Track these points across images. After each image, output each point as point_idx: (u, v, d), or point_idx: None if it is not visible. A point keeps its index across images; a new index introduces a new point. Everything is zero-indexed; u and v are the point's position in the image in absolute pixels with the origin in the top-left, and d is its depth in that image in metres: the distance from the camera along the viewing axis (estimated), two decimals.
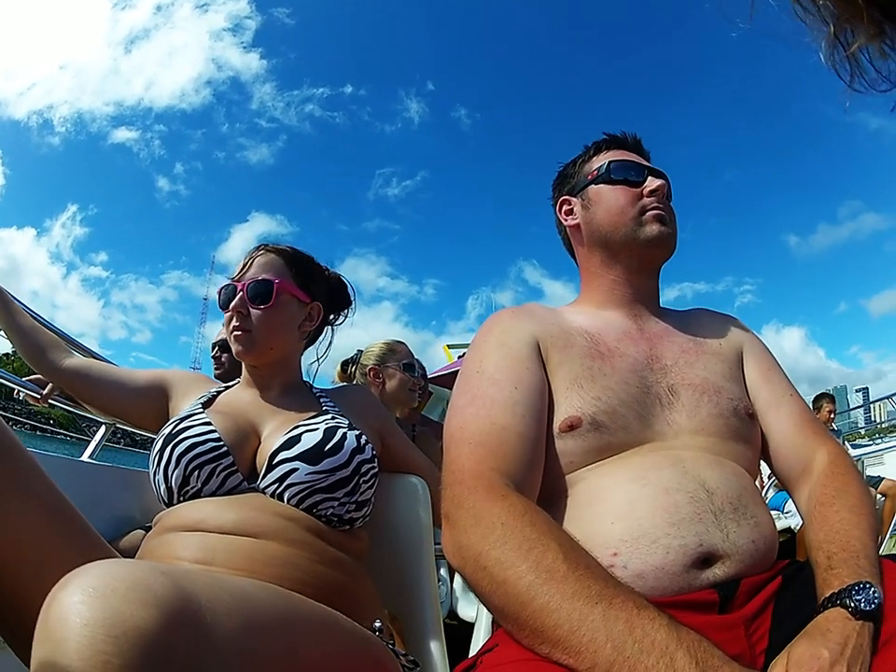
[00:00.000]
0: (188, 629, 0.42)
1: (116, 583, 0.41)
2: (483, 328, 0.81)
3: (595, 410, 0.69)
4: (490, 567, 0.52)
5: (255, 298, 0.96)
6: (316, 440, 0.86)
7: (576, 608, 0.46)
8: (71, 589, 0.41)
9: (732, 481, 0.67)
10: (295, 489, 0.83)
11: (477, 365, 0.74)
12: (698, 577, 0.59)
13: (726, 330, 0.87)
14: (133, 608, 0.40)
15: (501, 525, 0.54)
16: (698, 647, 0.43)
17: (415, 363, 1.97)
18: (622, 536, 0.61)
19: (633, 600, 0.47)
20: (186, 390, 1.05)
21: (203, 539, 0.76)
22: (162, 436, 0.87)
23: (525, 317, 0.79)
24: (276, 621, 0.53)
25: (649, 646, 0.43)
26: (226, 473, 0.84)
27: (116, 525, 1.26)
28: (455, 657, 0.94)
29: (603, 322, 0.81)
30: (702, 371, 0.77)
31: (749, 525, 0.63)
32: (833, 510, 0.65)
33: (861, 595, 0.52)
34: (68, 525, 0.61)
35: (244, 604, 0.50)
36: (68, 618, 0.39)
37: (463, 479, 0.62)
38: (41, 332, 1.10)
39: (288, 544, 0.78)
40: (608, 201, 0.84)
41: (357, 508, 0.88)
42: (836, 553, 0.59)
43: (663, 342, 0.81)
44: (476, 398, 0.70)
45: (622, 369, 0.74)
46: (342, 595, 0.78)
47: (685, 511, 0.61)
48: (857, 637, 0.49)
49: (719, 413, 0.73)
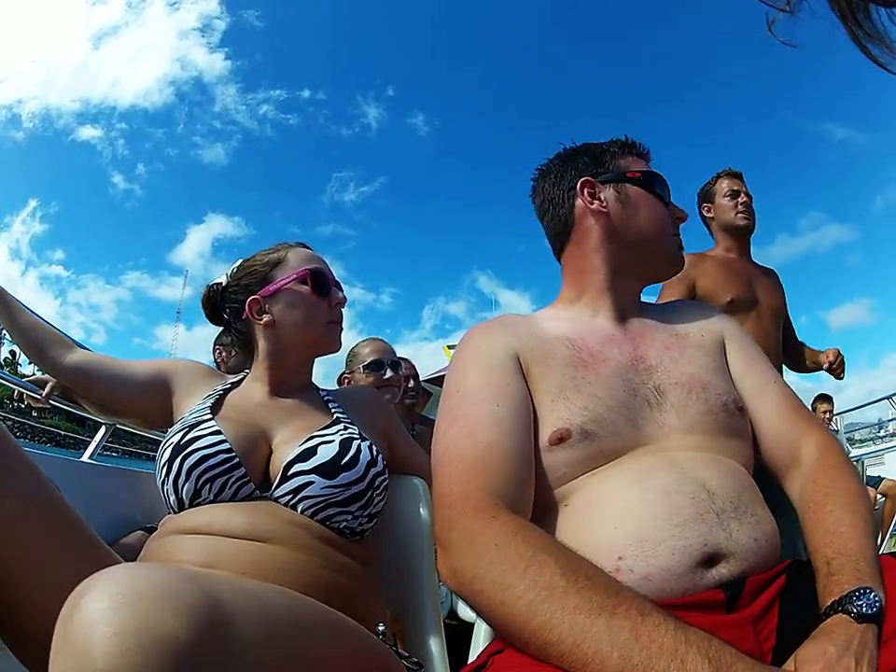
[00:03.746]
0: (218, 637, 0.41)
1: (143, 590, 0.40)
2: (459, 345, 0.79)
3: (583, 420, 0.68)
4: (486, 589, 0.52)
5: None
6: (333, 453, 0.85)
7: (578, 621, 0.46)
8: (95, 595, 0.40)
9: (730, 479, 0.67)
10: (310, 502, 0.82)
11: (457, 385, 0.73)
12: (704, 576, 0.59)
13: (706, 320, 0.86)
14: (164, 616, 0.39)
15: (495, 547, 0.54)
16: (709, 646, 0.43)
17: (384, 360, 1.89)
18: (626, 540, 0.61)
19: (637, 607, 0.46)
20: (189, 385, 1.02)
21: (207, 543, 0.76)
22: (171, 445, 0.85)
23: (500, 331, 0.78)
24: (295, 626, 0.52)
25: (657, 651, 0.43)
26: (238, 484, 0.83)
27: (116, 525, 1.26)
28: (455, 657, 0.95)
29: (585, 326, 0.80)
30: (687, 366, 0.77)
31: (750, 523, 0.64)
32: (827, 510, 0.65)
33: (863, 600, 0.52)
34: (66, 526, 0.60)
35: (266, 609, 0.50)
36: (95, 626, 0.38)
37: (452, 502, 0.61)
38: (42, 330, 1.09)
39: (296, 550, 0.77)
40: (651, 209, 0.84)
41: (368, 520, 0.88)
42: (835, 557, 0.59)
43: (646, 340, 0.80)
44: (459, 418, 0.69)
45: (606, 374, 0.73)
46: (347, 599, 0.77)
47: (687, 512, 0.61)
48: (861, 636, 0.50)
49: (708, 409, 0.73)
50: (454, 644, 1.00)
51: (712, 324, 0.86)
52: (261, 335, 1.00)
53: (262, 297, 0.98)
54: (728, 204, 1.92)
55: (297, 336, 0.99)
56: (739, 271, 1.88)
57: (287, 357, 1.00)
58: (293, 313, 0.98)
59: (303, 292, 0.99)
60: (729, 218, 1.92)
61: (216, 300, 1.05)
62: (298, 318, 0.98)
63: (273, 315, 0.98)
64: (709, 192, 1.99)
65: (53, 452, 1.89)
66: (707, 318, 0.87)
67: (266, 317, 0.98)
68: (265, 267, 1.00)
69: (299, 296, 0.98)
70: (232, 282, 1.02)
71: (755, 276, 1.91)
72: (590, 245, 0.84)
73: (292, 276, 0.98)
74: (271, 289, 0.98)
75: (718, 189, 1.97)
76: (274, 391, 0.99)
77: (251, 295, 0.99)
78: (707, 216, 2.00)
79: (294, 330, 0.99)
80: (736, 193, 1.92)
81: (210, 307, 1.06)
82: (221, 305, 1.05)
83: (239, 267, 1.03)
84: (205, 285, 1.07)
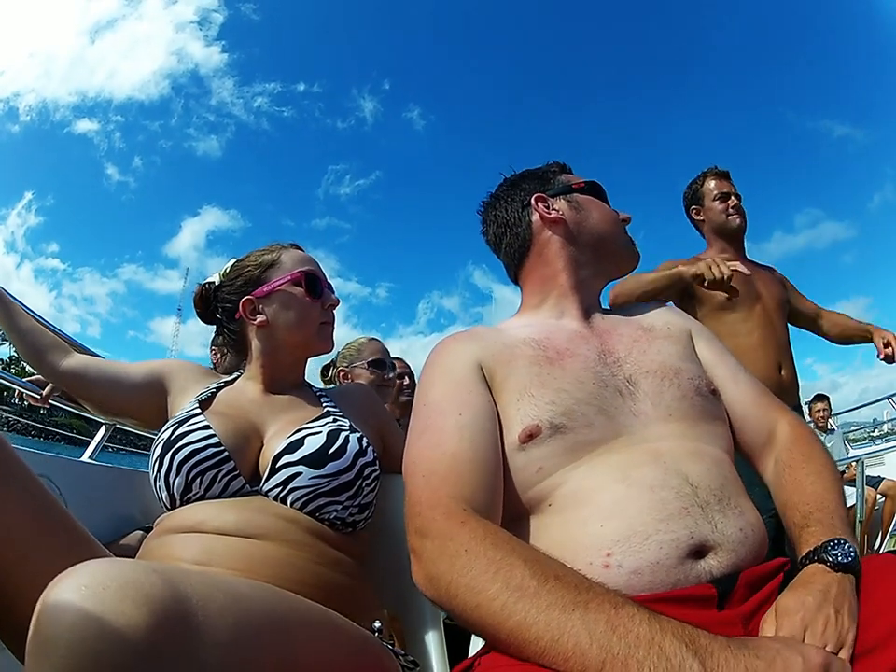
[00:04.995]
0: (179, 627, 0.42)
1: (107, 581, 0.41)
2: (428, 359, 0.81)
3: (551, 414, 0.69)
4: (461, 594, 0.53)
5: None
6: (320, 443, 0.86)
7: (553, 617, 0.47)
8: (63, 587, 0.41)
9: (713, 471, 0.67)
10: (298, 493, 0.83)
11: (424, 398, 0.75)
12: (694, 568, 0.60)
13: (672, 317, 0.90)
14: (125, 606, 0.40)
15: (465, 552, 0.55)
16: (682, 631, 0.45)
17: (387, 360, 1.93)
18: (613, 536, 0.61)
19: (609, 601, 0.48)
20: (184, 384, 1.03)
21: (201, 540, 0.76)
22: (161, 441, 0.86)
23: (467, 342, 0.80)
24: (271, 620, 0.53)
25: (635, 640, 0.44)
26: (228, 478, 0.83)
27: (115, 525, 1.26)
28: (455, 657, 0.95)
29: (551, 327, 0.82)
30: (657, 355, 0.78)
31: (734, 514, 0.64)
32: (804, 472, 0.69)
33: (837, 549, 0.56)
34: (55, 523, 0.61)
35: (237, 603, 0.50)
36: (60, 615, 0.40)
37: (421, 511, 0.62)
38: (41, 333, 1.10)
39: (288, 545, 0.78)
40: (601, 211, 0.91)
41: (359, 511, 0.88)
42: (812, 512, 0.63)
43: (612, 335, 0.82)
44: (426, 429, 0.70)
45: (574, 369, 0.74)
46: (341, 595, 0.77)
47: (673, 506, 0.62)
48: (838, 585, 0.53)
49: (682, 395, 0.74)
50: (453, 644, 1.00)
51: (678, 319, 0.90)
52: (255, 335, 1.01)
53: (256, 297, 0.99)
54: (719, 207, 1.91)
55: (290, 337, 1.00)
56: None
57: (280, 356, 1.01)
58: (287, 314, 0.99)
59: (297, 294, 1.00)
60: (721, 221, 1.91)
61: (208, 299, 1.06)
62: (291, 319, 0.99)
63: (267, 315, 0.99)
64: (697, 194, 1.97)
65: (65, 450, 1.90)
66: (673, 315, 0.91)
67: (260, 318, 0.99)
68: (259, 268, 1.01)
69: (292, 297, 0.99)
70: (226, 282, 1.03)
71: (753, 272, 1.91)
72: (551, 252, 0.88)
73: (286, 278, 0.99)
74: (265, 290, 0.99)
75: (706, 191, 1.95)
76: (268, 388, 1.00)
77: (244, 295, 1.00)
78: (696, 218, 1.98)
79: (287, 331, 1.00)
80: (726, 196, 1.91)
81: (202, 306, 1.07)
82: (214, 305, 1.05)
83: (232, 267, 1.04)
84: (198, 284, 1.08)
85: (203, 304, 1.07)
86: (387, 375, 1.91)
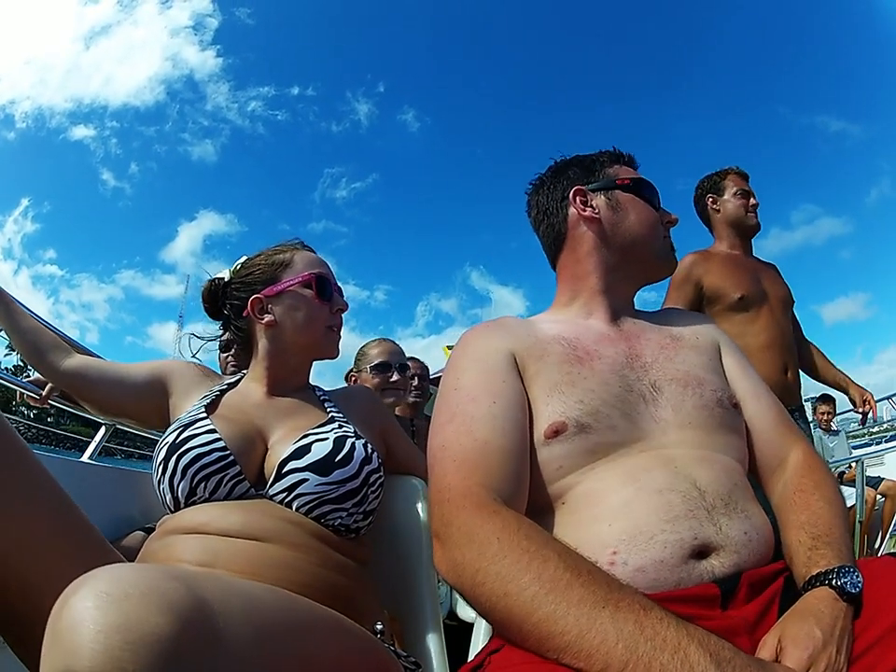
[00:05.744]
0: (202, 635, 0.42)
1: (129, 588, 0.40)
2: (458, 345, 0.81)
3: (578, 413, 0.69)
4: (489, 582, 0.53)
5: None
6: (326, 450, 0.85)
7: (583, 612, 0.47)
8: (83, 594, 0.40)
9: (722, 478, 0.68)
10: (304, 499, 0.82)
11: (454, 382, 0.74)
12: (696, 568, 0.60)
13: (701, 326, 0.89)
14: (149, 614, 0.39)
15: (497, 541, 0.55)
16: (708, 640, 0.45)
17: (392, 362, 1.93)
18: (619, 535, 0.62)
19: (639, 602, 0.48)
20: (187, 387, 1.02)
21: (205, 542, 0.76)
22: (166, 444, 0.86)
23: (498, 331, 0.79)
24: (286, 625, 0.53)
25: (661, 643, 0.44)
26: (233, 482, 0.83)
27: (116, 525, 1.26)
28: (455, 657, 0.95)
29: (580, 327, 0.82)
30: (682, 364, 0.78)
31: (740, 518, 0.65)
32: (815, 497, 0.69)
33: (848, 577, 0.56)
34: (72, 527, 0.60)
35: (255, 608, 0.50)
36: (82, 624, 0.39)
37: (451, 497, 0.62)
38: (42, 333, 1.10)
39: (292, 548, 0.77)
40: (641, 213, 0.87)
41: (364, 517, 0.88)
42: (821, 535, 0.63)
43: (640, 340, 0.82)
44: (456, 415, 0.70)
45: (601, 370, 0.74)
46: (344, 598, 0.77)
47: (678, 508, 0.63)
48: (843, 620, 0.53)
49: (703, 404, 0.74)
50: (453, 644, 1.00)
51: (706, 329, 0.89)
52: (262, 334, 1.00)
53: (265, 296, 0.99)
54: (739, 203, 1.92)
55: (296, 338, 1.00)
56: (745, 267, 1.88)
57: (285, 357, 1.01)
58: (295, 315, 0.99)
59: (307, 296, 0.99)
60: (740, 215, 1.92)
61: (217, 294, 1.05)
62: (299, 321, 0.99)
63: (275, 315, 0.99)
64: (718, 185, 1.97)
65: (74, 455, 1.88)
66: (702, 324, 0.90)
67: (267, 317, 0.99)
68: (270, 267, 1.00)
69: (302, 299, 0.99)
70: (236, 278, 1.03)
71: (760, 270, 1.91)
72: (583, 250, 0.87)
73: (297, 279, 0.99)
74: (275, 290, 0.99)
75: (728, 184, 1.95)
76: (272, 391, 0.99)
77: (254, 293, 0.99)
78: (711, 207, 1.97)
79: (294, 332, 0.99)
80: (748, 194, 1.92)
81: (210, 301, 1.06)
82: (222, 301, 1.05)
83: (243, 264, 1.04)
84: (207, 279, 1.08)
85: (211, 299, 1.06)
86: (391, 377, 1.90)
